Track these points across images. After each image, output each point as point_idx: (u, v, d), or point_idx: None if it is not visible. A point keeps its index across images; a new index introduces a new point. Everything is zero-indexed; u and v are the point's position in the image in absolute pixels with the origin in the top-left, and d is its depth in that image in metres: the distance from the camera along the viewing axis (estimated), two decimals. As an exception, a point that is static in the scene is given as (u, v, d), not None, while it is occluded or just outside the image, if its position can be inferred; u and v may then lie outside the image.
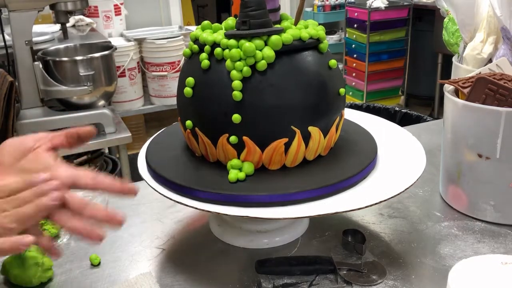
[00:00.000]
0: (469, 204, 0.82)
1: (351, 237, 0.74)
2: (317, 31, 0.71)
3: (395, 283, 0.67)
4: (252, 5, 0.67)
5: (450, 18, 1.17)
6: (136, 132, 3.06)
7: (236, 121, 0.66)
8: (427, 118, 1.51)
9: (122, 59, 2.80)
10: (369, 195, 0.67)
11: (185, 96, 0.71)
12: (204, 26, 0.73)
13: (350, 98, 3.81)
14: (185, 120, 0.73)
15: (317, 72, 0.70)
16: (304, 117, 0.69)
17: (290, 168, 0.71)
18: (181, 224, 0.84)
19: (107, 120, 1.89)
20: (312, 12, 3.97)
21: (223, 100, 0.67)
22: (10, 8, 1.67)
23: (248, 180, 0.69)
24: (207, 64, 0.69)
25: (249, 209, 0.64)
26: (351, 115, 0.90)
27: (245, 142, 0.68)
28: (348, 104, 1.62)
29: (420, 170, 0.71)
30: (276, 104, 0.67)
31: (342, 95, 0.74)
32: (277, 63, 0.67)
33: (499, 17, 0.92)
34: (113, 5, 3.03)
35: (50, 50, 1.99)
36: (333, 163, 0.73)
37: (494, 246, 0.75)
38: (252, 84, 0.67)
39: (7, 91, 1.60)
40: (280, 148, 0.69)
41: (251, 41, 0.66)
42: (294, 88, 0.68)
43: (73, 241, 0.80)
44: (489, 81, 0.76)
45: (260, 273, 0.68)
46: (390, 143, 0.81)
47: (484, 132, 0.76)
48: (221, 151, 0.70)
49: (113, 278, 0.71)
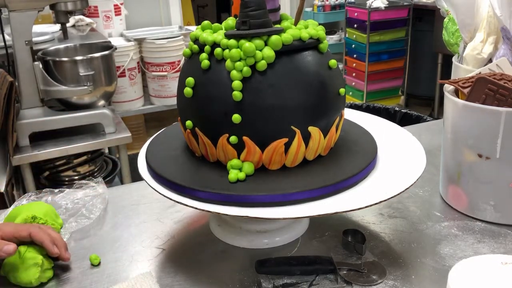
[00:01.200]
0: (469, 204, 0.82)
1: (351, 237, 0.74)
2: (317, 31, 0.71)
3: (395, 283, 0.67)
4: (252, 5, 0.67)
5: (450, 18, 1.17)
6: (136, 132, 3.06)
7: (236, 121, 0.66)
8: (427, 118, 1.51)
9: (122, 59, 2.80)
10: (369, 195, 0.67)
11: (185, 96, 0.71)
12: (204, 26, 0.73)
13: (350, 98, 3.81)
14: (185, 120, 0.73)
15: (317, 72, 0.70)
16: (304, 117, 0.69)
17: (290, 168, 0.71)
18: (181, 224, 0.84)
19: (107, 120, 1.89)
20: (312, 12, 3.97)
21: (223, 100, 0.67)
22: (10, 8, 1.67)
23: (248, 180, 0.69)
24: (207, 64, 0.69)
25: (249, 209, 0.64)
26: (351, 115, 0.91)
27: (245, 142, 0.68)
28: (348, 104, 1.62)
29: (420, 170, 0.71)
30: (276, 104, 0.67)
31: (342, 95, 0.74)
32: (277, 63, 0.67)
33: (499, 17, 0.92)
34: (113, 5, 3.03)
35: (50, 50, 1.99)
36: (333, 163, 0.73)
37: (494, 246, 0.75)
38: (252, 84, 0.67)
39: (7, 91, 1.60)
40: (280, 148, 0.69)
41: (251, 41, 0.66)
42: (294, 88, 0.68)
43: (73, 241, 0.80)
44: (489, 81, 0.76)
45: (260, 273, 0.68)
46: (390, 143, 0.81)
47: (484, 132, 0.76)
48: (221, 151, 0.70)
49: (113, 278, 0.71)
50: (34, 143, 1.80)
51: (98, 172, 2.08)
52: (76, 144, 1.83)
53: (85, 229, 0.84)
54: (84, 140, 1.85)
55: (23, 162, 1.76)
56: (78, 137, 1.86)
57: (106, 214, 0.89)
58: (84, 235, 0.82)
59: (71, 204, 0.90)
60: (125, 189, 1.04)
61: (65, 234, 0.81)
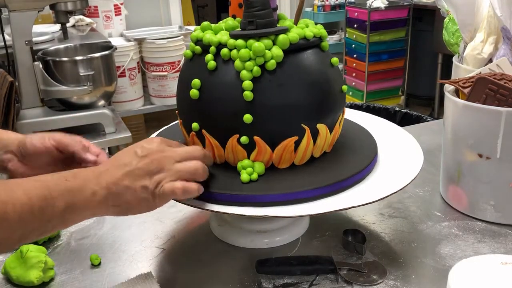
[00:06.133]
0: (469, 204, 0.82)
1: (352, 237, 0.74)
2: (319, 29, 0.72)
3: (395, 283, 0.67)
4: (258, 4, 0.67)
5: (450, 18, 1.17)
6: (136, 132, 3.06)
7: (247, 121, 0.66)
8: (427, 118, 1.51)
9: (122, 59, 2.80)
10: (375, 190, 0.68)
11: (190, 98, 0.69)
12: (204, 27, 0.73)
13: (350, 98, 3.80)
14: (189, 122, 0.71)
15: (322, 70, 0.70)
16: (313, 114, 0.69)
17: (298, 166, 0.71)
18: (181, 224, 0.84)
19: (107, 120, 1.89)
20: (312, 12, 3.97)
21: (233, 100, 0.67)
22: (10, 8, 1.67)
23: (260, 180, 0.68)
24: (214, 65, 0.68)
25: (266, 208, 0.64)
26: (351, 115, 0.91)
27: (256, 142, 0.67)
28: (348, 104, 1.62)
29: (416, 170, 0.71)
30: (286, 102, 0.67)
31: (344, 92, 0.75)
32: (285, 62, 0.67)
33: (499, 17, 0.92)
34: (113, 5, 3.03)
35: (50, 50, 1.99)
36: (339, 159, 0.74)
37: (494, 246, 0.75)
38: (262, 83, 0.66)
39: (7, 91, 1.60)
40: (290, 146, 0.69)
41: (259, 41, 0.66)
42: (302, 86, 0.68)
43: (73, 241, 0.80)
44: (490, 81, 0.76)
45: (260, 273, 0.68)
46: (388, 142, 0.81)
47: (484, 132, 0.76)
48: (230, 152, 0.70)
49: (113, 278, 0.71)
50: (34, 143, 1.80)
51: (98, 172, 2.08)
52: (76, 144, 1.83)
53: (85, 229, 0.84)
54: (84, 140, 1.85)
55: (23, 162, 1.76)
56: (78, 137, 1.86)
57: (106, 214, 0.89)
58: (84, 235, 0.82)
59: (71, 204, 0.90)
60: (125, 189, 1.04)
61: (65, 234, 0.81)
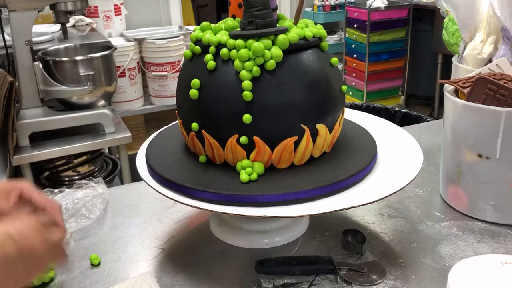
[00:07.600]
0: (469, 204, 0.82)
1: (351, 237, 0.74)
2: (319, 29, 0.72)
3: (395, 283, 0.67)
4: (258, 5, 0.67)
5: (450, 18, 1.17)
6: (136, 132, 3.05)
7: (247, 121, 0.66)
8: (427, 118, 1.51)
9: (122, 59, 2.80)
10: (375, 189, 0.68)
11: (190, 98, 0.70)
12: (204, 27, 0.73)
13: (350, 98, 3.80)
14: (189, 122, 0.71)
15: (322, 70, 0.70)
16: (312, 114, 0.69)
17: (297, 166, 0.71)
18: (181, 224, 0.84)
19: (107, 120, 1.88)
20: (312, 12, 3.97)
21: (232, 100, 0.67)
22: (10, 8, 1.67)
23: (259, 180, 0.68)
24: (213, 65, 0.68)
25: (265, 208, 0.64)
26: (351, 115, 0.91)
27: (255, 142, 0.67)
28: (348, 104, 1.62)
29: (416, 170, 0.71)
30: (286, 102, 0.67)
31: (344, 92, 0.75)
32: (284, 62, 0.67)
33: (499, 17, 0.92)
34: (113, 5, 3.02)
35: (50, 50, 1.98)
36: (337, 160, 0.73)
37: (494, 246, 0.75)
38: (261, 83, 0.66)
39: (7, 91, 1.60)
40: (290, 146, 0.69)
41: (259, 41, 0.66)
42: (302, 86, 0.68)
43: (73, 241, 0.80)
44: (489, 81, 0.76)
45: (260, 273, 0.68)
46: (388, 143, 0.81)
47: (484, 132, 0.76)
48: (229, 152, 0.70)
49: (113, 278, 0.71)
50: (34, 143, 1.80)
51: (98, 172, 2.08)
52: (76, 144, 1.83)
53: (85, 229, 0.84)
54: (84, 140, 1.85)
55: (23, 162, 1.76)
56: (78, 137, 1.86)
57: (106, 214, 0.89)
58: (84, 235, 0.82)
59: (71, 204, 0.90)
60: (125, 189, 1.04)
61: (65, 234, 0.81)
